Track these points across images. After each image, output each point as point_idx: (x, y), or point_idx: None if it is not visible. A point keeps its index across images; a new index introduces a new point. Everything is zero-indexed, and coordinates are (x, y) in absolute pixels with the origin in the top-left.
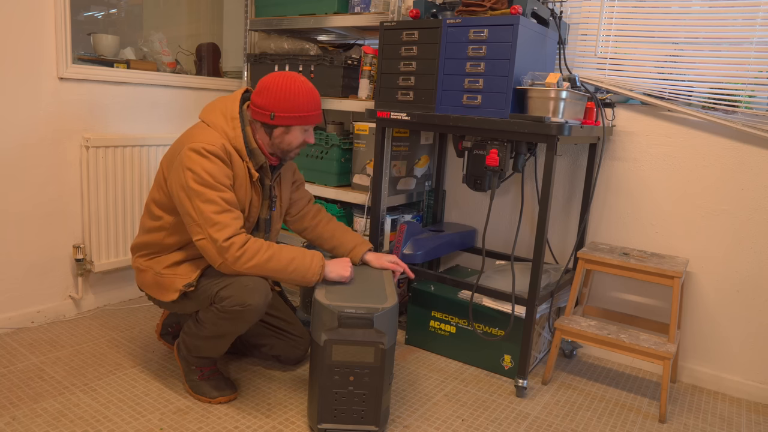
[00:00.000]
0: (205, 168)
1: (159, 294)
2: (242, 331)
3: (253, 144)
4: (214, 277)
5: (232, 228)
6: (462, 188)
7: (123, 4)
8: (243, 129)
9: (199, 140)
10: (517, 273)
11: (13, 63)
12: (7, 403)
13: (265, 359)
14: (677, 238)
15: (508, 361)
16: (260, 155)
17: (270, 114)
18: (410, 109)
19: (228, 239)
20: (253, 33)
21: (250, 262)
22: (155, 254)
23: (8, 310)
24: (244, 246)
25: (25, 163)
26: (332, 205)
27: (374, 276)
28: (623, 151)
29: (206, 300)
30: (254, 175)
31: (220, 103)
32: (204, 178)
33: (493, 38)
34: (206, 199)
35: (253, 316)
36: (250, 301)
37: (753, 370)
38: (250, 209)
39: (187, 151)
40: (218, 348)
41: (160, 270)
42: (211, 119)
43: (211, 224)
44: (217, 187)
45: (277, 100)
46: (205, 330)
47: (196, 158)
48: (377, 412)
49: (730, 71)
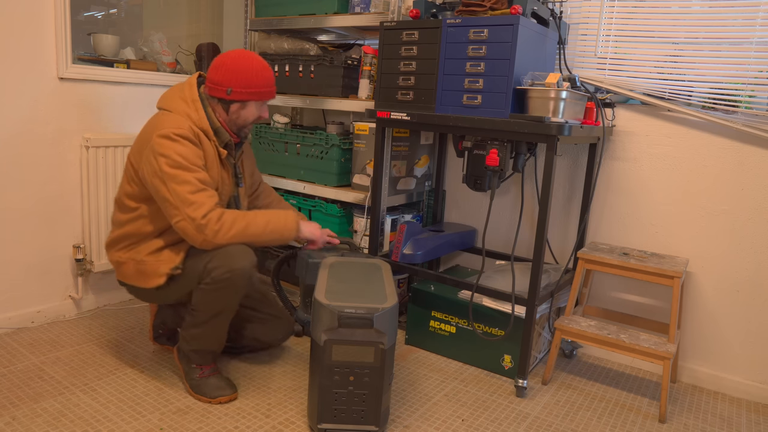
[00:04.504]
0: (176, 151)
1: (142, 281)
2: (235, 304)
3: (217, 123)
4: (198, 256)
5: (208, 205)
6: (462, 188)
7: (123, 4)
8: (205, 110)
9: (167, 126)
10: (517, 273)
11: (13, 63)
12: (7, 403)
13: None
14: (677, 238)
15: (508, 361)
16: (224, 133)
17: (227, 89)
18: (410, 109)
19: (205, 216)
20: (253, 33)
21: (229, 233)
22: (134, 244)
23: (8, 310)
24: (221, 219)
25: (25, 162)
26: (332, 205)
27: (374, 276)
28: (623, 151)
29: (194, 279)
30: (222, 153)
31: (177, 89)
32: (176, 160)
33: (493, 38)
34: (181, 180)
35: (242, 280)
36: (236, 266)
37: (753, 370)
38: (222, 187)
39: (156, 138)
40: (217, 333)
41: (142, 258)
42: (171, 106)
43: (188, 204)
44: (191, 168)
45: (233, 76)
46: (201, 314)
47: (167, 143)
48: (377, 412)
49: (730, 71)
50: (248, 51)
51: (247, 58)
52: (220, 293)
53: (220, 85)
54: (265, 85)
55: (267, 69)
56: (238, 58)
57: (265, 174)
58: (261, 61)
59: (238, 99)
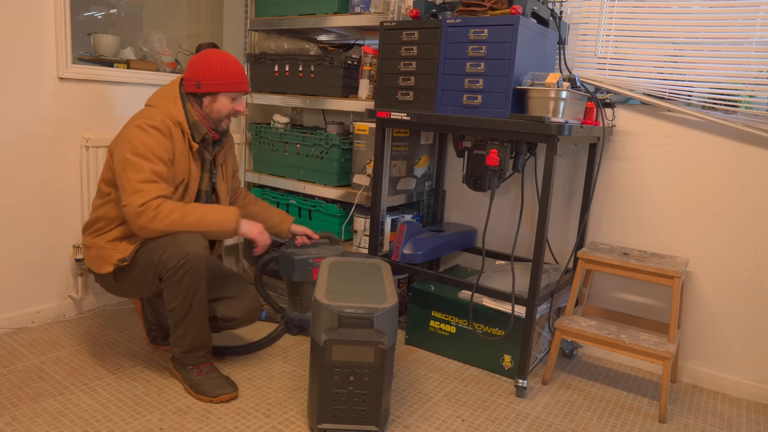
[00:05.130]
0: (142, 140)
1: (97, 266)
2: (203, 290)
3: (194, 117)
4: (150, 249)
5: (151, 195)
6: (462, 188)
7: (123, 4)
8: (184, 105)
9: (142, 117)
10: (517, 273)
11: (13, 63)
12: (7, 403)
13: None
14: (677, 238)
15: (508, 361)
16: (202, 127)
17: (196, 83)
18: (410, 109)
19: (143, 204)
20: (253, 33)
21: (165, 220)
22: (100, 230)
23: (8, 310)
24: (159, 207)
25: (26, 162)
26: (332, 205)
27: (374, 276)
28: (623, 151)
29: (147, 273)
30: (194, 146)
31: (162, 89)
32: (139, 149)
33: (493, 38)
34: (136, 169)
35: (198, 263)
36: (189, 250)
37: (753, 370)
38: (190, 180)
39: (131, 127)
40: (199, 325)
41: (102, 244)
42: (154, 102)
43: (134, 192)
44: (151, 158)
45: (201, 69)
46: (177, 312)
47: (137, 132)
48: (377, 412)
49: (730, 71)
50: (219, 49)
51: (215, 53)
52: (184, 282)
53: (190, 80)
54: (233, 76)
55: (236, 63)
56: (207, 54)
57: (265, 174)
58: (230, 57)
59: (207, 91)
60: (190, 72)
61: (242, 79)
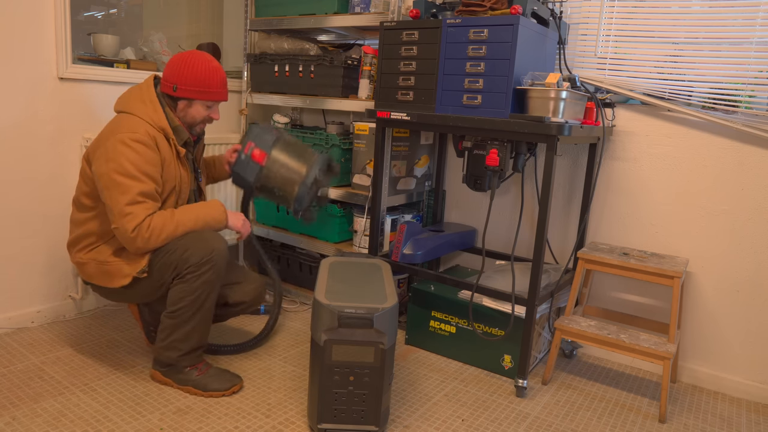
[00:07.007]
0: (128, 158)
1: (107, 281)
2: (218, 286)
3: (176, 121)
4: (166, 251)
5: (140, 217)
6: (462, 188)
7: (123, 4)
8: (164, 110)
9: (124, 129)
10: (517, 273)
11: (13, 63)
12: (7, 403)
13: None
14: (677, 238)
15: (508, 361)
16: (183, 132)
17: (173, 86)
18: (410, 109)
19: (134, 229)
20: (253, 33)
21: (161, 236)
22: (93, 245)
23: (8, 310)
24: (150, 227)
25: (26, 162)
26: (332, 205)
27: (374, 276)
28: (623, 151)
29: (167, 274)
30: (181, 152)
31: (135, 91)
32: (126, 168)
33: (493, 38)
34: (123, 190)
35: (221, 260)
36: (214, 245)
37: (753, 370)
38: (181, 185)
39: (113, 142)
40: (207, 323)
41: (105, 259)
42: (131, 108)
43: (123, 215)
44: (138, 177)
45: (180, 73)
46: (185, 310)
47: (121, 149)
48: (377, 412)
49: (730, 71)
50: (203, 52)
51: (198, 57)
52: (203, 279)
53: (168, 81)
54: (211, 85)
55: (218, 71)
56: (189, 56)
57: None
58: (212, 62)
59: (183, 96)
60: (168, 72)
61: (220, 88)
